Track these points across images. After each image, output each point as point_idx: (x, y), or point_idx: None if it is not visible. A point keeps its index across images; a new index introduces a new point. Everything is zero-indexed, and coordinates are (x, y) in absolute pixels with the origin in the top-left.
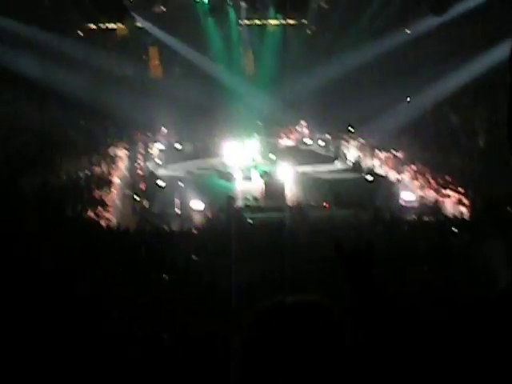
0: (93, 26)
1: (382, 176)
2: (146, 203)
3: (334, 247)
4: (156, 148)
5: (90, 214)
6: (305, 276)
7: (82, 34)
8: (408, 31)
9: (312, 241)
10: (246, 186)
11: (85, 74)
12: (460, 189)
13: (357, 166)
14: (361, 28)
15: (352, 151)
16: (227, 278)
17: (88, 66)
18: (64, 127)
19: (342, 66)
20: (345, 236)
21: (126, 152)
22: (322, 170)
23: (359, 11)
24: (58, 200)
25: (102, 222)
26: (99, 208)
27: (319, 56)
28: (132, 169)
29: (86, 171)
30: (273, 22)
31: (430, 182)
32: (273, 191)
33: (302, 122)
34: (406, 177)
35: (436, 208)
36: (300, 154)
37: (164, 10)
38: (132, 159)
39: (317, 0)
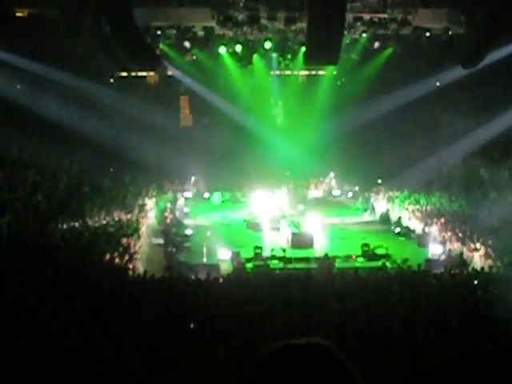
0: (124, 74)
1: (409, 229)
2: (173, 251)
3: None
4: (184, 197)
5: (118, 260)
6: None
7: (113, 81)
8: (438, 83)
9: (338, 292)
10: (274, 237)
11: (115, 121)
12: (489, 242)
13: (385, 219)
14: (391, 79)
15: (381, 203)
16: (253, 327)
17: (118, 113)
18: (93, 173)
19: (372, 116)
20: (371, 289)
21: (155, 200)
22: (350, 221)
23: (390, 63)
24: (86, 246)
25: (129, 269)
26: (126, 255)
27: (350, 106)
28: (160, 217)
29: (115, 218)
30: (303, 72)
31: (458, 235)
32: (300, 242)
33: (331, 174)
34: (434, 229)
35: (464, 261)
36: (328, 206)
37: (195, 59)
38: (160, 207)
39: (347, 51)
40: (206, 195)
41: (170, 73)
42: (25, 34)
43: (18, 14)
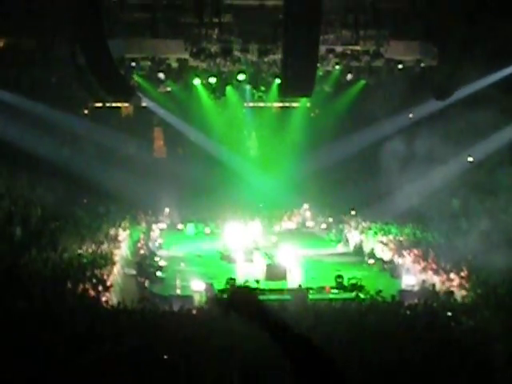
0: (98, 105)
1: (383, 260)
2: (146, 283)
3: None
4: (158, 228)
5: (91, 292)
6: None
7: (87, 112)
8: (411, 115)
9: (312, 324)
10: (248, 268)
11: (89, 151)
12: (462, 273)
13: (358, 250)
14: (364, 111)
15: (354, 234)
16: (227, 358)
17: (92, 144)
18: (67, 204)
19: (346, 149)
20: (344, 319)
21: (128, 231)
22: (324, 253)
23: (363, 95)
24: (60, 277)
25: (102, 301)
26: (100, 286)
27: (322, 139)
28: (133, 248)
29: (89, 249)
30: (276, 104)
31: (431, 266)
32: (274, 274)
33: (305, 205)
34: (407, 260)
35: (437, 292)
36: (302, 237)
37: (169, 90)
38: (134, 238)
39: (320, 83)
40: (180, 226)
41: (144, 104)
42: None
43: None
